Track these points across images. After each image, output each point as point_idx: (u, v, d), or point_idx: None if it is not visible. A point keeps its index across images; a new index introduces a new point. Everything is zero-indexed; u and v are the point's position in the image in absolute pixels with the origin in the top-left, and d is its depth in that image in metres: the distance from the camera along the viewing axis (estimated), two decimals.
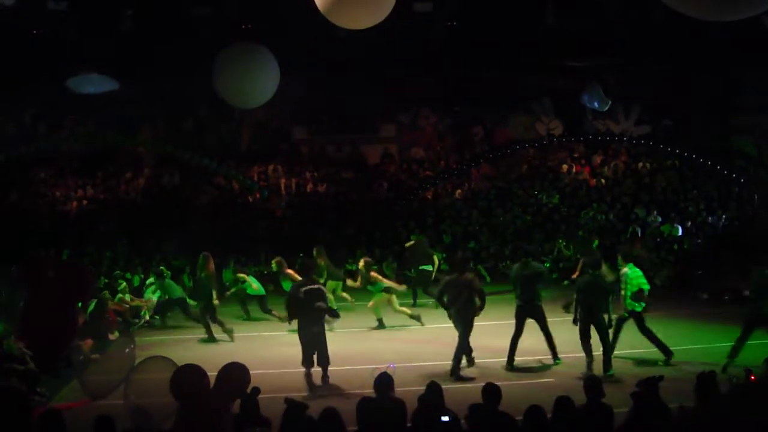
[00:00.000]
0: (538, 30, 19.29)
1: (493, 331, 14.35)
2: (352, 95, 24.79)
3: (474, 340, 12.68)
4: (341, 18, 8.77)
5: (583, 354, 11.61)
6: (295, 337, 11.90)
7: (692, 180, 23.69)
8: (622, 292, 11.88)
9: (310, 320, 11.24)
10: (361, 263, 15.16)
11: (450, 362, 11.75)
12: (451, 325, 12.16)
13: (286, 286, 14.12)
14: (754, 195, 22.49)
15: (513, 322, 12.37)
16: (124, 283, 16.75)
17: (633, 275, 11.87)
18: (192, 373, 6.24)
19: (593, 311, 11.37)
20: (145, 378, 7.47)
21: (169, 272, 16.65)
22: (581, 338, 11.50)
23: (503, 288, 18.46)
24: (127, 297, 16.34)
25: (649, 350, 12.72)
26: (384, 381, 7.09)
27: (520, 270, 12.12)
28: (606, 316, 11.45)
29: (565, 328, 14.28)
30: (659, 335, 12.24)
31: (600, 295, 11.41)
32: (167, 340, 14.56)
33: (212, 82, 11.97)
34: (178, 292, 15.81)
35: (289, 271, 14.93)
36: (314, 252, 16.29)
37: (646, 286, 11.91)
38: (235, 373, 6.38)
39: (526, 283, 11.98)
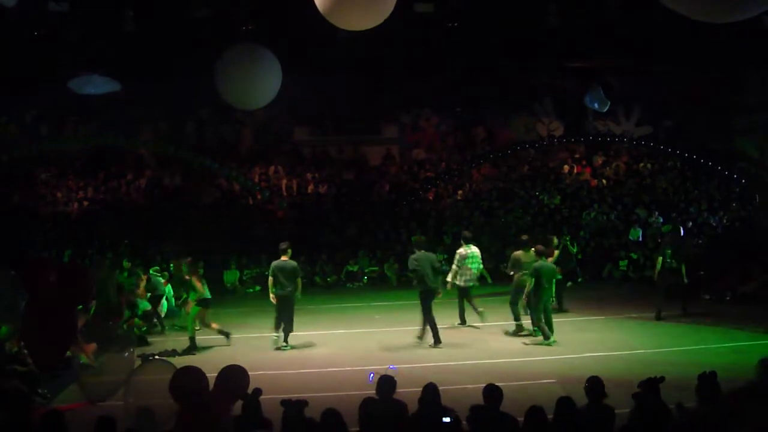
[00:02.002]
0: (539, 31, 19.27)
1: (492, 331, 14.39)
2: (353, 96, 24.81)
3: (473, 341, 12.86)
4: (341, 20, 8.75)
5: (583, 354, 12.23)
6: (296, 339, 12.20)
7: (693, 181, 23.69)
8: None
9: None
10: (183, 264, 15.05)
11: (452, 363, 12.04)
12: (452, 327, 13.81)
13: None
14: (755, 196, 22.47)
15: (513, 323, 14.16)
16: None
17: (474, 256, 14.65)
18: (191, 375, 6.25)
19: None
20: (144, 380, 7.47)
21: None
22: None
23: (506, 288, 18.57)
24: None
25: (651, 351, 12.74)
26: (386, 382, 7.09)
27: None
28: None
29: (565, 330, 14.33)
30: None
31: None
32: (164, 343, 14.48)
33: (215, 83, 11.97)
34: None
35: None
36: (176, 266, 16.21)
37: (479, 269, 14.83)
38: (234, 374, 6.39)
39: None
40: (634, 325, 14.83)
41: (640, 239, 20.94)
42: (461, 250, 14.72)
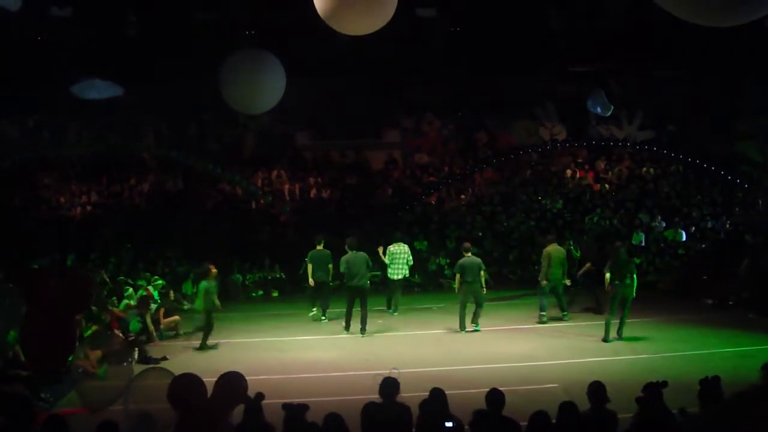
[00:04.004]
0: (541, 35, 19.29)
1: (495, 335, 14.39)
2: (355, 101, 24.79)
3: (475, 344, 12.86)
4: (341, 24, 8.74)
5: (586, 359, 12.42)
6: (298, 343, 12.21)
7: (696, 185, 23.64)
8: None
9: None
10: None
11: (454, 367, 12.13)
12: (452, 330, 14.27)
13: None
14: (758, 200, 22.43)
15: (516, 327, 14.82)
16: (131, 289, 16.65)
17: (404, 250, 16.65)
18: (189, 382, 6.24)
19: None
20: (144, 385, 7.45)
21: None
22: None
23: (510, 293, 18.58)
24: (133, 303, 16.25)
25: (654, 355, 12.73)
26: (389, 386, 7.06)
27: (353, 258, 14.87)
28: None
29: (567, 334, 14.33)
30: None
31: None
32: (168, 348, 14.50)
33: (218, 86, 11.98)
34: None
35: None
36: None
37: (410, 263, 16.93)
38: (232, 381, 6.38)
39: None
40: (636, 329, 14.78)
41: (643, 244, 20.87)
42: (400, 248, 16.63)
